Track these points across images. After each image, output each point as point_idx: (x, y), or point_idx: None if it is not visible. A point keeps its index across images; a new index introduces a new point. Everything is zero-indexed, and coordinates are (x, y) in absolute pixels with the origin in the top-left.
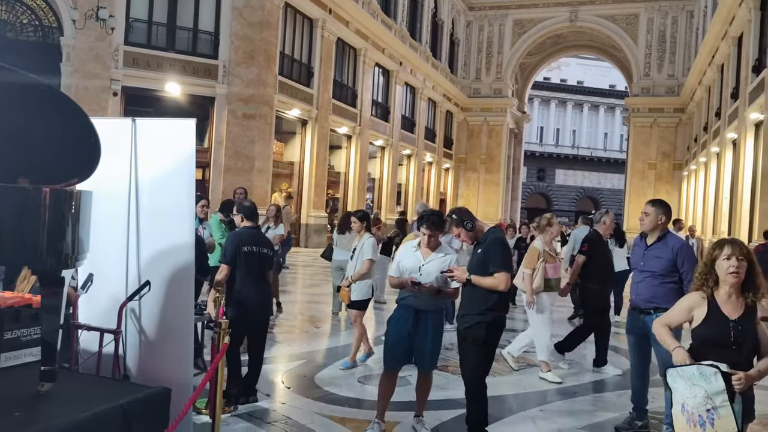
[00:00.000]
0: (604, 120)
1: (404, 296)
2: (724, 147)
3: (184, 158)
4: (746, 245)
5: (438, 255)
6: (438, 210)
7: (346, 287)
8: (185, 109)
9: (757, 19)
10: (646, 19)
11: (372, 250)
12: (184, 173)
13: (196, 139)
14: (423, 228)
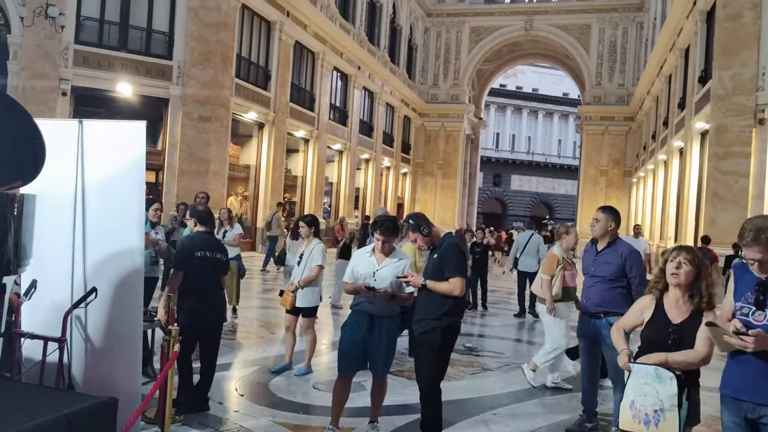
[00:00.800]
0: (558, 127)
1: (359, 302)
2: (671, 155)
3: (134, 161)
4: (699, 254)
5: (392, 260)
6: (392, 216)
7: (291, 292)
8: (138, 110)
9: (703, 32)
10: (598, 30)
11: (321, 256)
12: (134, 176)
13: (149, 141)
14: (376, 234)
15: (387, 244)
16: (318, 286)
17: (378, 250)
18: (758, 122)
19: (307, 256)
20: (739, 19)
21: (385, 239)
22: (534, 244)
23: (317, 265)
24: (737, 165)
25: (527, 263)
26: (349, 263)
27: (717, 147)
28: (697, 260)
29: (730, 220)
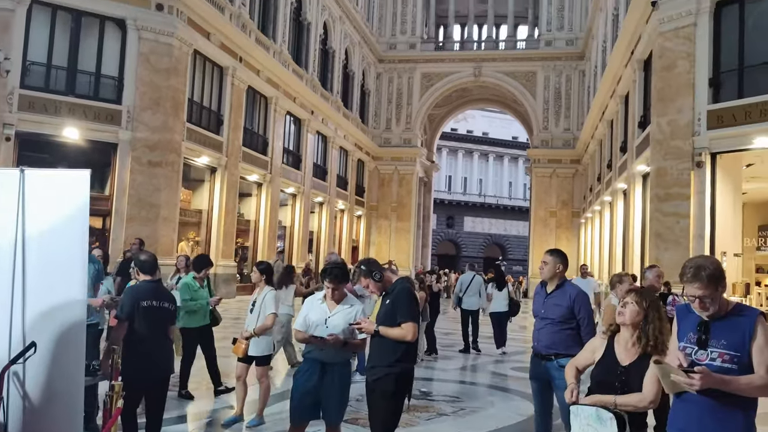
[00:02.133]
0: (509, 169)
1: (310, 349)
2: (615, 196)
3: (77, 210)
4: (651, 297)
5: (344, 307)
6: (341, 262)
7: (245, 339)
8: (85, 155)
9: (641, 80)
10: (543, 77)
11: (274, 303)
12: (76, 226)
13: (97, 186)
14: (326, 281)
15: (337, 291)
16: (271, 335)
17: (329, 297)
18: (696, 165)
19: (259, 303)
20: (674, 69)
21: (334, 287)
22: (476, 285)
23: (271, 313)
24: (678, 206)
25: (470, 302)
26: (301, 310)
27: (658, 189)
28: (645, 303)
29: (672, 260)
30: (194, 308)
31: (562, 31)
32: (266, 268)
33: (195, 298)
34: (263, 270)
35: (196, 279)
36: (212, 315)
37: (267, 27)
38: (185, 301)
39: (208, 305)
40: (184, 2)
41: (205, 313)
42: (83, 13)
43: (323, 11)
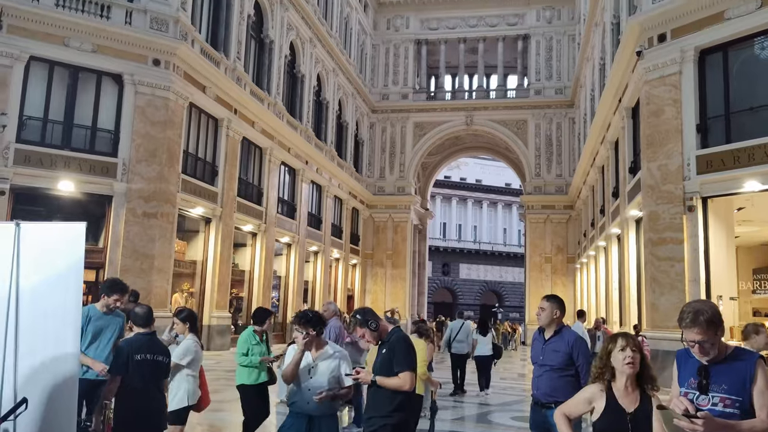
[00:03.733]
0: (503, 216)
1: (294, 400)
2: (609, 241)
3: (72, 263)
4: (636, 339)
5: (327, 354)
6: (314, 310)
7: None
8: (80, 207)
9: (630, 126)
10: (534, 125)
11: (183, 353)
12: (71, 279)
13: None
14: (296, 326)
15: (317, 339)
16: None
17: (299, 344)
18: (688, 209)
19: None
20: (662, 115)
21: (306, 331)
22: (465, 330)
23: (175, 363)
24: (672, 250)
25: (459, 347)
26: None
27: (651, 233)
28: (640, 347)
29: (669, 304)
30: (247, 364)
31: (551, 80)
32: (186, 316)
33: (253, 353)
34: (184, 318)
35: (256, 333)
36: (268, 373)
37: (262, 79)
38: (240, 355)
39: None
40: (181, 57)
41: (262, 369)
42: (81, 69)
43: (317, 64)
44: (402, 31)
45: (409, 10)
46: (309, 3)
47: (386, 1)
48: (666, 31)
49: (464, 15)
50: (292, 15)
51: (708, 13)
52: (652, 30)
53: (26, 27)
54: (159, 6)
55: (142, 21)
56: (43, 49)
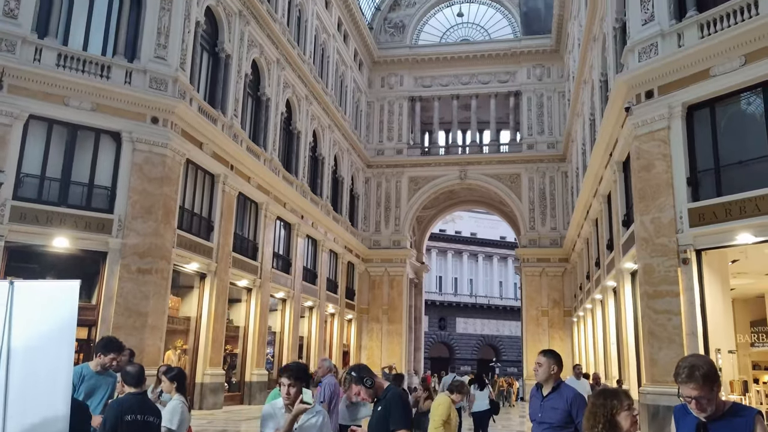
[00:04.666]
0: (498, 269)
1: None
2: (606, 294)
3: (65, 322)
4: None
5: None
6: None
7: None
8: (74, 264)
9: (621, 180)
10: (527, 179)
11: (171, 415)
12: (63, 339)
13: (84, 295)
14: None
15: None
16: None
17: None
18: (682, 262)
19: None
20: (652, 169)
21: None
22: None
23: (166, 428)
24: (668, 303)
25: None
26: (263, 420)
27: (647, 286)
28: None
29: (668, 358)
30: None
31: (543, 135)
32: (176, 375)
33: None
34: (172, 378)
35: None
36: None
37: (258, 136)
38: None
39: None
40: (179, 115)
41: None
42: (79, 127)
43: (313, 120)
44: (396, 88)
45: (403, 69)
46: (305, 62)
47: (380, 60)
48: (653, 88)
49: (457, 73)
50: (289, 74)
51: (693, 70)
52: (639, 87)
53: (27, 87)
54: (159, 66)
55: (141, 80)
56: (43, 108)
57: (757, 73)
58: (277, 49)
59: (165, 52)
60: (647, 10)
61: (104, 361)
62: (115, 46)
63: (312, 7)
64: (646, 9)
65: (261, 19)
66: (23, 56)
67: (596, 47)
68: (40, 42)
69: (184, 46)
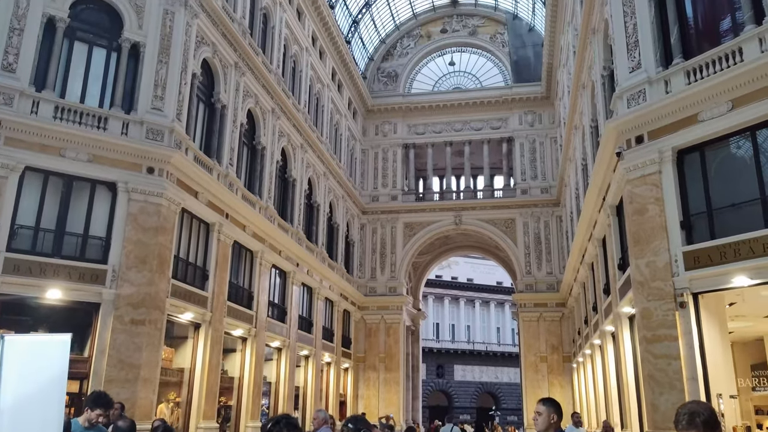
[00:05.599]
0: (496, 315)
1: None
2: (604, 339)
3: (55, 376)
4: None
5: None
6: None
7: None
8: (67, 316)
9: (616, 224)
10: (522, 223)
11: None
12: (54, 392)
13: (76, 348)
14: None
15: None
16: None
17: None
18: (679, 305)
19: None
20: (645, 213)
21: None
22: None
23: None
24: (667, 348)
25: None
26: None
27: (645, 331)
28: None
29: (669, 404)
30: None
31: (536, 180)
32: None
33: None
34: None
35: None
36: None
37: (253, 184)
38: None
39: None
40: (175, 165)
41: None
42: (75, 178)
43: (308, 168)
44: (390, 136)
45: (396, 117)
46: (300, 111)
47: (374, 108)
48: (643, 133)
49: (449, 120)
50: (284, 123)
51: (682, 115)
52: (629, 132)
53: (24, 139)
54: (155, 117)
55: (138, 131)
56: (39, 159)
57: (744, 118)
58: (272, 98)
59: (162, 104)
60: (634, 58)
61: (90, 416)
62: (112, 97)
63: (307, 58)
64: (633, 57)
65: (256, 70)
66: (20, 109)
67: (585, 94)
68: (38, 95)
69: (181, 97)
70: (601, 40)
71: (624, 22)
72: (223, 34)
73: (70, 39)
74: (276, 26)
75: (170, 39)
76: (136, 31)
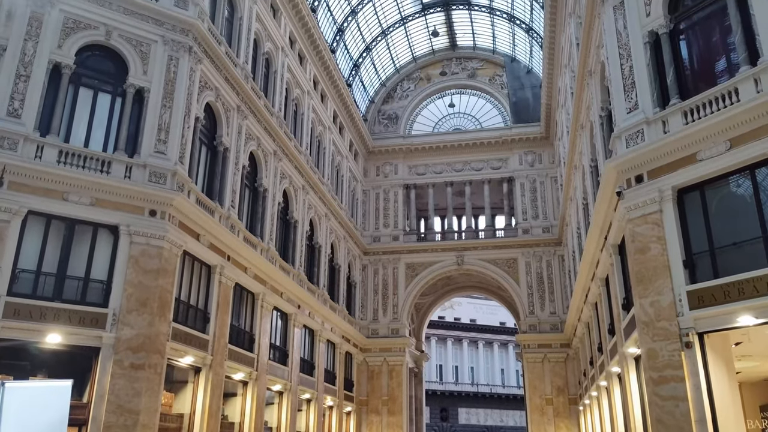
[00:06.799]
0: (499, 356)
1: None
2: (610, 381)
3: (56, 425)
4: None
5: None
6: None
7: None
8: (66, 360)
9: (618, 263)
10: (524, 263)
11: None
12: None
13: (75, 393)
14: None
15: None
16: None
17: None
18: (685, 345)
19: None
20: (648, 252)
21: None
22: None
23: None
24: (674, 389)
25: None
26: None
27: (651, 372)
28: None
29: None
30: None
31: (538, 220)
32: None
33: None
34: None
35: None
36: None
37: (255, 226)
38: None
39: None
40: (177, 208)
41: None
42: (77, 222)
43: (309, 209)
44: (391, 176)
45: (397, 158)
46: (302, 153)
47: (375, 150)
48: (642, 173)
49: (450, 161)
50: (286, 165)
51: (681, 155)
52: (629, 172)
53: (27, 183)
54: (158, 161)
55: (141, 175)
56: (43, 203)
57: (743, 157)
58: (274, 141)
59: (165, 147)
60: (631, 99)
61: None
62: (116, 141)
63: (308, 101)
64: (630, 98)
65: (258, 113)
66: (25, 154)
67: (584, 134)
68: (42, 140)
69: (184, 140)
70: (598, 81)
71: (620, 64)
72: (226, 78)
73: (75, 85)
74: (278, 70)
75: (174, 84)
76: (140, 77)
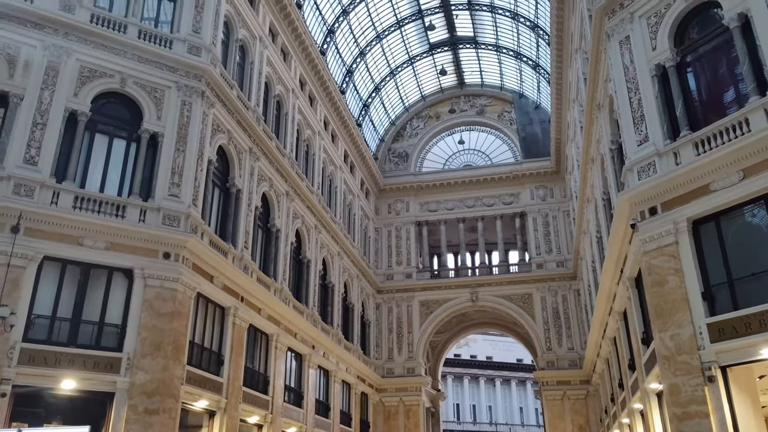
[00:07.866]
0: (517, 394)
1: None
2: (633, 418)
3: None
4: None
5: None
6: None
7: None
8: (80, 406)
9: (636, 297)
10: (540, 298)
11: None
12: None
13: None
14: None
15: None
16: None
17: None
18: (708, 380)
19: None
20: (665, 284)
21: None
22: None
23: None
24: (699, 425)
25: None
26: None
27: (674, 408)
28: None
29: None
30: None
31: (551, 254)
32: None
33: None
34: None
35: None
36: None
37: (268, 267)
38: None
39: None
40: (190, 250)
41: None
42: (92, 266)
43: (322, 249)
44: (403, 214)
45: (408, 195)
46: (313, 193)
47: (386, 188)
48: (656, 205)
49: (461, 197)
50: (298, 205)
51: (694, 186)
52: (642, 204)
53: (43, 229)
54: (172, 204)
55: (155, 218)
56: (58, 249)
57: (756, 187)
58: (286, 182)
59: (178, 190)
60: (641, 132)
61: None
62: (131, 186)
63: (319, 142)
64: (640, 130)
65: (270, 154)
66: (41, 200)
67: (595, 167)
68: (58, 186)
69: (197, 183)
70: (607, 114)
71: (629, 98)
72: (238, 121)
73: (91, 131)
74: (289, 112)
75: (187, 128)
76: (155, 122)
